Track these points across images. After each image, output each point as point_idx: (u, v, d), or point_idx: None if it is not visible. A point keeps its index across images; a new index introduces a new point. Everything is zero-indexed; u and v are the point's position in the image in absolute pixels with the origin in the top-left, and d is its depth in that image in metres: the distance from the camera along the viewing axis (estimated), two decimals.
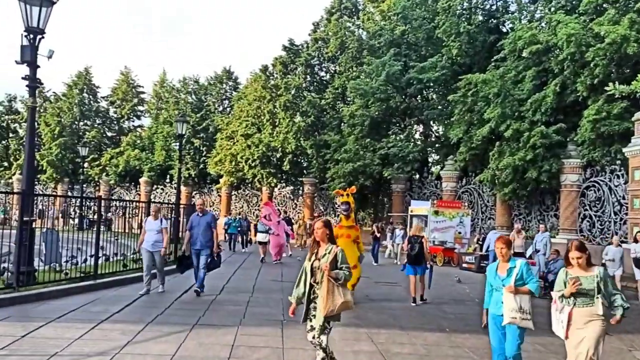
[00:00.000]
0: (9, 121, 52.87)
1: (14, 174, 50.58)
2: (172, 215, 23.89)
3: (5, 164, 53.42)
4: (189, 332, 8.13)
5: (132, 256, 14.79)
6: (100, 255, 13.41)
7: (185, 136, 43.67)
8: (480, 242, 22.67)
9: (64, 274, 11.70)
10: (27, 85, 10.94)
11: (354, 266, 11.00)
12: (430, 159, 39.00)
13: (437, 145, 36.27)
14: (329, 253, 5.93)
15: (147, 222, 12.10)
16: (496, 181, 25.63)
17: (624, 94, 14.20)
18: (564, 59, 23.41)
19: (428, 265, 12.69)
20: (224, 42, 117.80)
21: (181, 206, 24.56)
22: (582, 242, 6.00)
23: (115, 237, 16.58)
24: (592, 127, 22.08)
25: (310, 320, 5.88)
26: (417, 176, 35.47)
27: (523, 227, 24.34)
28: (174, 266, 14.66)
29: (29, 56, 10.79)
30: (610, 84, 13.62)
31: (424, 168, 35.33)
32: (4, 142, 52.70)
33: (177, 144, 27.85)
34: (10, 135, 52.99)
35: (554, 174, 23.87)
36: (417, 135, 38.06)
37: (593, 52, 21.59)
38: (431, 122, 36.15)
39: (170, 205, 24.82)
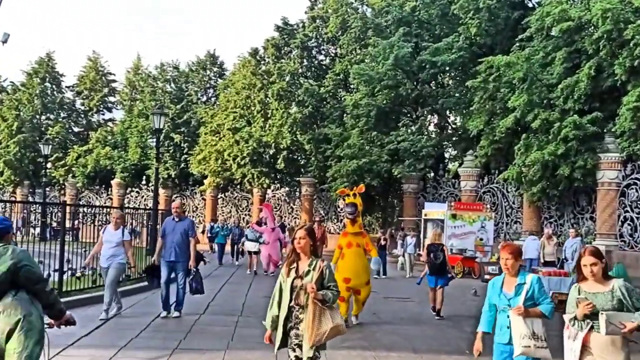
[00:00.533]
0: None
1: None
2: (149, 223, 23.95)
3: None
4: (168, 358, 8.09)
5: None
6: (65, 269, 13.34)
7: (164, 131, 43.75)
8: None
9: None
10: None
11: (367, 282, 11.42)
12: (446, 155, 39.09)
13: (454, 138, 36.34)
14: (313, 269, 5.47)
15: (106, 232, 11.44)
16: (523, 179, 25.65)
17: None
18: (600, 37, 23.41)
19: (449, 276, 13.30)
20: (207, 22, 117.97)
21: (159, 212, 24.56)
22: (597, 248, 5.38)
23: (84, 249, 16.54)
24: (632, 116, 22.05)
25: (294, 350, 5.48)
26: (432, 174, 35.52)
27: (554, 232, 24.38)
28: (146, 282, 14.73)
29: None
30: None
31: (439, 165, 35.31)
32: None
33: (154, 140, 27.75)
34: None
35: (590, 170, 23.86)
36: (431, 128, 38.14)
37: (633, 29, 21.59)
38: (447, 112, 36.26)
39: (147, 211, 24.83)
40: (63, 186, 49.09)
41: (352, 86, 37.39)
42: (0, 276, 4.54)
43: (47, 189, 49.24)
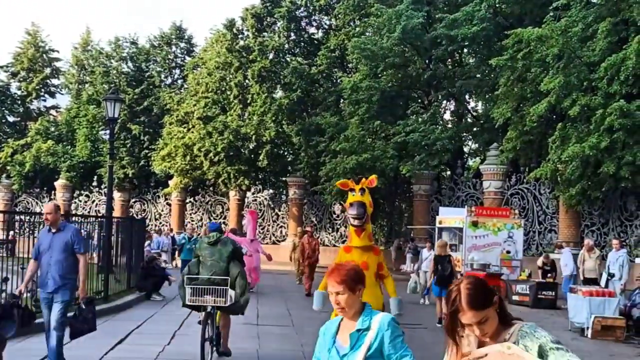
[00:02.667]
0: None
1: None
2: (102, 234, 23.94)
3: None
4: None
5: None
6: None
7: (120, 121, 43.74)
8: (547, 267, 22.16)
9: None
10: None
11: None
12: (465, 149, 39.15)
13: (475, 129, 36.36)
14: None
15: (41, 236, 9.85)
16: (559, 178, 25.72)
17: None
18: None
19: None
20: None
21: (114, 220, 24.53)
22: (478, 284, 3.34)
23: (22, 265, 16.46)
24: None
25: None
26: (448, 173, 35.60)
27: (597, 244, 24.50)
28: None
29: None
30: None
31: (457, 162, 35.42)
32: None
33: (107, 132, 27.74)
34: None
35: None
36: (447, 116, 38.19)
37: None
38: (467, 97, 36.23)
39: (98, 220, 24.80)
40: None
41: (350, 65, 37.48)
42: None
43: None
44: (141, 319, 15.10)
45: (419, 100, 35.72)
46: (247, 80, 38.48)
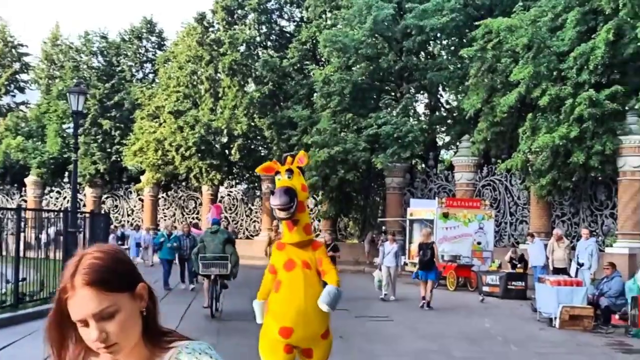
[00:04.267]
0: None
1: None
2: (67, 229, 23.45)
3: None
4: None
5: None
6: None
7: (90, 116, 43.21)
8: (515, 261, 21.50)
9: None
10: None
11: (324, 333, 7.03)
12: (439, 142, 38.97)
13: (448, 121, 36.17)
14: None
15: None
16: (529, 169, 25.58)
17: None
18: None
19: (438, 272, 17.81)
20: None
21: (84, 214, 24.10)
22: None
23: None
24: None
25: None
26: (422, 166, 35.38)
27: (567, 233, 24.36)
28: None
29: None
30: None
31: (430, 154, 35.24)
32: None
33: (71, 126, 27.19)
34: None
35: (609, 157, 23.80)
36: (420, 109, 37.96)
37: None
38: (439, 89, 36.04)
39: (61, 213, 24.30)
40: None
41: (322, 58, 37.12)
42: None
43: None
44: None
45: (391, 93, 35.43)
46: (218, 74, 38.11)
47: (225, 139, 37.43)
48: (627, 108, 24.06)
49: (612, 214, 25.48)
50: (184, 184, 42.52)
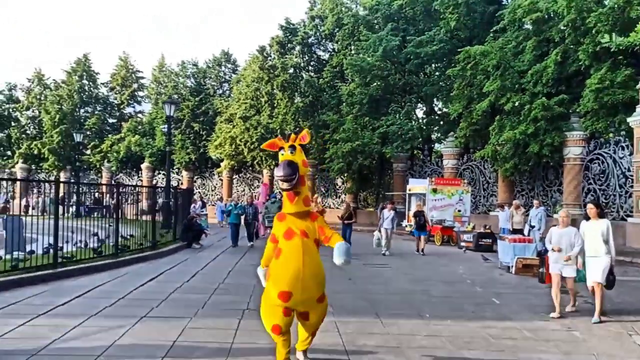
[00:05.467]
0: (10, 110, 52.12)
1: (17, 162, 50.05)
2: (163, 200, 23.19)
3: (9, 152, 52.83)
4: (131, 327, 7.19)
5: (100, 244, 13.69)
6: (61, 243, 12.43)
7: (185, 121, 42.96)
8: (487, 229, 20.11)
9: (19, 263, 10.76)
10: None
11: (320, 297, 5.70)
12: (433, 137, 37.92)
13: (441, 123, 35.15)
14: None
15: None
16: (497, 157, 24.63)
17: (621, 47, 12.98)
18: (565, 26, 22.20)
19: (428, 230, 18.75)
20: (222, 24, 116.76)
21: (175, 190, 23.77)
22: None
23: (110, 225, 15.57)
24: (595, 97, 20.89)
25: None
26: (422, 155, 34.40)
27: (525, 204, 23.34)
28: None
29: None
30: (607, 35, 12.45)
31: (425, 146, 34.22)
32: (5, 131, 52.00)
33: (171, 127, 26.74)
34: (12, 124, 52.24)
35: (557, 147, 22.84)
36: (420, 113, 36.91)
37: (595, 17, 20.30)
38: (433, 99, 35.00)
39: (158, 189, 24.01)
40: (100, 170, 48.42)
41: (347, 77, 36.18)
42: None
43: (87, 172, 48.91)
44: (176, 262, 14.19)
45: (397, 102, 34.31)
46: (273, 90, 37.32)
47: (279, 136, 36.73)
48: (570, 111, 23.05)
49: (559, 190, 24.35)
50: (250, 168, 41.98)
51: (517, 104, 23.26)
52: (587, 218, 8.74)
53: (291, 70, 37.27)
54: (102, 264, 12.30)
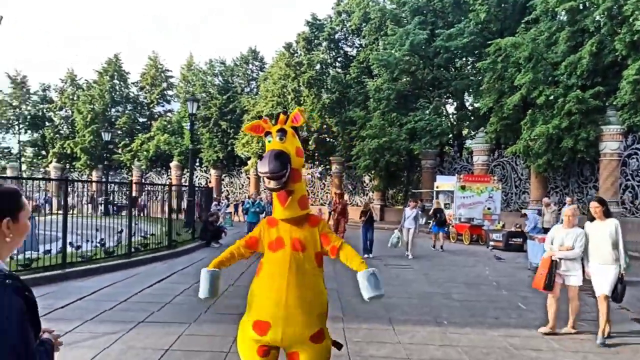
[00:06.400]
0: (44, 110, 53.01)
1: (50, 162, 50.86)
2: (187, 198, 22.99)
3: (43, 152, 53.77)
4: (125, 333, 6.80)
5: (104, 246, 13.36)
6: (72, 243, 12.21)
7: (212, 118, 42.89)
8: (518, 227, 19.34)
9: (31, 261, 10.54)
10: None
11: (316, 335, 3.88)
12: (464, 133, 37.05)
13: (472, 118, 34.25)
14: None
15: None
16: (529, 152, 23.66)
17: None
18: (601, 15, 21.15)
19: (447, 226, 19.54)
20: (250, 21, 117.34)
21: (199, 189, 23.57)
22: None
23: (136, 223, 15.38)
24: (632, 89, 19.80)
25: None
26: (452, 151, 33.56)
27: (560, 202, 22.41)
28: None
29: None
30: None
31: (455, 142, 33.32)
32: (40, 131, 52.91)
33: (194, 125, 26.58)
34: (46, 124, 53.13)
35: (592, 142, 21.80)
36: (450, 109, 36.05)
37: (632, 5, 19.25)
38: (464, 94, 34.11)
39: (184, 188, 23.83)
40: (130, 168, 48.82)
41: (374, 73, 35.55)
42: None
43: (118, 171, 49.38)
44: (191, 262, 13.84)
45: (426, 98, 33.53)
46: (300, 87, 36.89)
47: (305, 134, 36.26)
48: (606, 104, 21.95)
49: (594, 186, 23.29)
50: None
51: (550, 97, 22.26)
52: (592, 219, 7.40)
53: (318, 67, 36.80)
54: (114, 264, 12.03)
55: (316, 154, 38.70)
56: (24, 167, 52.70)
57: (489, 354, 6.45)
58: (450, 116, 34.82)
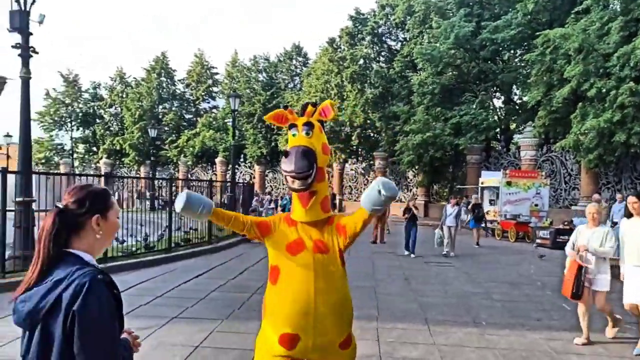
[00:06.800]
0: (95, 107, 54.54)
1: (101, 158, 52.31)
2: (228, 193, 23.24)
3: (94, 148, 55.36)
4: (158, 329, 6.85)
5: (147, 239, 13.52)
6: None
7: (256, 114, 43.21)
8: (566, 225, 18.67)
9: None
10: (19, 55, 10.02)
11: (345, 341, 3.64)
12: (512, 127, 36.19)
13: (519, 111, 33.38)
14: None
15: None
16: (580, 147, 22.78)
17: None
18: None
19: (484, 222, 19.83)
20: (293, 17, 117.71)
21: (241, 185, 23.73)
22: None
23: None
24: None
25: None
26: (498, 146, 32.78)
27: (612, 198, 21.57)
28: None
29: (19, 22, 9.87)
30: None
31: (502, 137, 32.50)
32: (91, 128, 54.48)
33: (236, 121, 26.80)
34: (97, 121, 54.66)
35: None
36: (498, 103, 35.20)
37: None
38: (512, 88, 33.25)
39: (226, 183, 24.07)
40: (177, 164, 49.72)
41: (419, 67, 35.05)
42: None
43: (165, 166, 50.37)
44: (229, 257, 13.92)
45: (472, 91, 32.80)
46: (343, 82, 36.72)
47: (348, 129, 36.11)
48: None
49: None
50: None
51: (601, 89, 21.38)
52: (629, 215, 6.73)
53: (361, 62, 36.56)
54: (154, 259, 12.20)
55: (359, 150, 38.41)
56: (76, 163, 54.33)
57: (527, 357, 6.19)
58: (498, 110, 33.98)
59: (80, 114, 53.99)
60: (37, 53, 10.01)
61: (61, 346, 1.87)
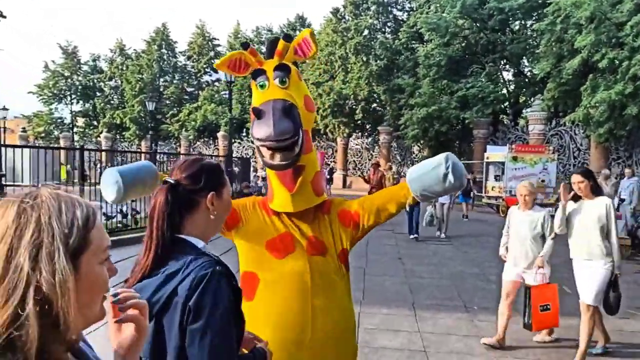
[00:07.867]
0: (95, 80, 54.07)
1: (101, 132, 52.00)
2: (227, 168, 22.95)
3: (95, 122, 55.04)
4: None
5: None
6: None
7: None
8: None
9: None
10: None
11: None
12: (521, 100, 35.50)
13: (529, 84, 32.66)
14: None
15: None
16: (590, 121, 22.20)
17: None
18: None
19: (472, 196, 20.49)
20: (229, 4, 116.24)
21: (238, 159, 23.39)
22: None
23: None
24: None
25: None
26: (506, 120, 32.15)
27: (622, 173, 21.03)
28: None
29: None
30: None
31: (510, 111, 31.85)
32: (91, 101, 54.08)
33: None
34: (97, 94, 54.23)
35: None
36: (508, 75, 34.44)
37: None
38: (522, 59, 32.47)
39: (225, 158, 23.74)
40: (178, 139, 49.34)
41: (425, 38, 34.26)
42: None
43: (166, 141, 50.03)
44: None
45: (479, 63, 32.05)
46: (347, 53, 36.00)
47: (352, 102, 35.51)
48: None
49: None
50: (323, 136, 41.12)
51: (614, 60, 20.71)
52: (576, 198, 5.44)
53: (366, 32, 35.79)
54: (139, 236, 11.86)
55: (364, 124, 37.84)
56: (76, 137, 54.08)
57: (517, 347, 5.81)
58: (507, 83, 33.26)
59: (80, 87, 53.53)
60: (4, 17, 9.55)
61: (177, 344, 1.62)
